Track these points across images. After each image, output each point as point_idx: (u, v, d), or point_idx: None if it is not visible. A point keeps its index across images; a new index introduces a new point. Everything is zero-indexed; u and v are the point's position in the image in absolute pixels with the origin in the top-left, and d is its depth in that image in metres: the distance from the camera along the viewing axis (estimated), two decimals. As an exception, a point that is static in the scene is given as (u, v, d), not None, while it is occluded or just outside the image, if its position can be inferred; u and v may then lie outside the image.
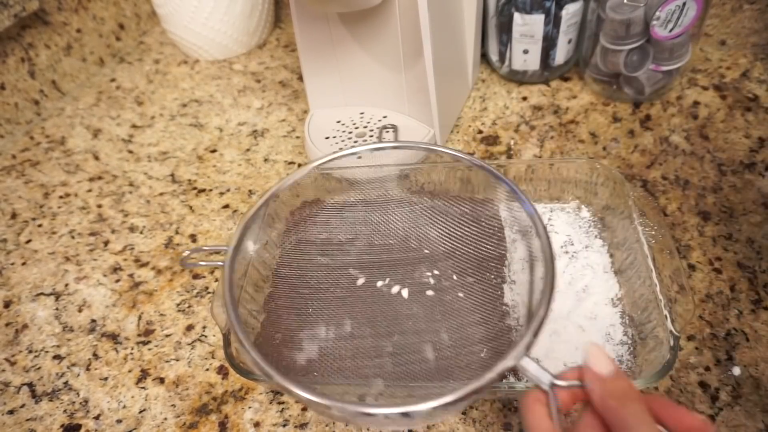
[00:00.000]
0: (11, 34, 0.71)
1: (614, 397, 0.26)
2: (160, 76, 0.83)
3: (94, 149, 0.71)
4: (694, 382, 0.43)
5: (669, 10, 0.57)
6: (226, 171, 0.66)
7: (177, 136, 0.72)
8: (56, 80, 0.79)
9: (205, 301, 0.52)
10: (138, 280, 0.55)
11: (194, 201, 0.63)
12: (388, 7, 0.56)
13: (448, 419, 0.42)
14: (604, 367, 0.27)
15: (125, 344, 0.50)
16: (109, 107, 0.78)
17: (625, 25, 0.59)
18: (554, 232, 0.52)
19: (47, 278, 0.56)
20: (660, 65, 0.63)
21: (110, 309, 0.53)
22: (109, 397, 0.46)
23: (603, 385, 0.27)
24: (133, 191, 0.65)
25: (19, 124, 0.75)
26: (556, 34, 0.66)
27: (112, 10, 0.86)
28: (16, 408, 0.46)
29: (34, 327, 0.52)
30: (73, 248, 0.59)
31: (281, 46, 0.88)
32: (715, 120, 0.64)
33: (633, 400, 0.26)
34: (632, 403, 0.26)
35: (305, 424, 0.43)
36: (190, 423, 0.44)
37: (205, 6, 0.78)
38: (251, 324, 0.47)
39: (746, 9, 0.69)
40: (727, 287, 0.48)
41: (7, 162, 0.70)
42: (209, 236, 0.58)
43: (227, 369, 0.47)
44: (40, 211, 0.64)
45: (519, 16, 0.65)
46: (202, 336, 0.50)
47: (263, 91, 0.78)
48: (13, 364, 0.49)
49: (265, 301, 0.46)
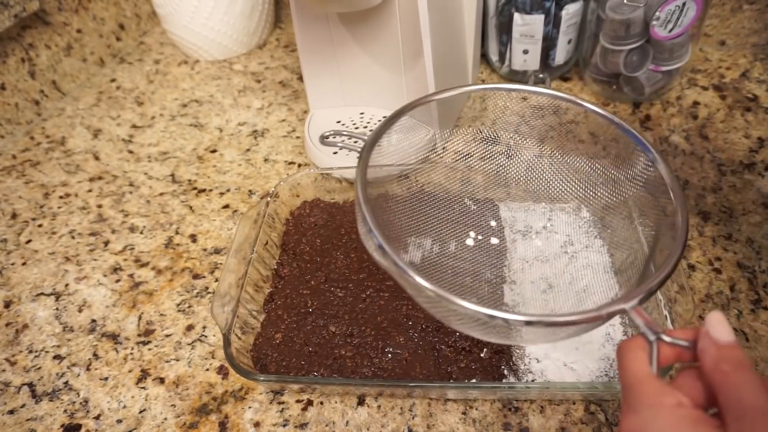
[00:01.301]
0: (11, 34, 0.71)
1: (729, 362, 0.25)
2: (160, 77, 0.83)
3: (95, 149, 0.71)
4: (694, 382, 0.43)
5: (669, 10, 0.57)
6: (226, 171, 0.66)
7: (177, 136, 0.72)
8: (56, 80, 0.79)
9: (205, 301, 0.53)
10: (138, 280, 0.55)
11: (194, 201, 0.63)
12: (388, 8, 0.56)
13: (447, 420, 0.42)
14: (724, 334, 0.26)
15: (125, 344, 0.50)
16: (109, 107, 0.78)
17: (625, 25, 0.59)
18: (554, 232, 0.52)
19: (47, 278, 0.56)
20: (660, 65, 0.63)
21: (110, 309, 0.53)
22: (109, 397, 0.46)
23: (719, 350, 0.26)
24: (133, 191, 0.65)
25: (20, 124, 0.75)
26: (556, 34, 0.66)
27: (112, 11, 0.86)
28: (17, 408, 0.46)
29: (34, 327, 0.52)
30: (73, 248, 0.59)
31: (281, 46, 0.88)
32: (715, 120, 0.64)
33: (747, 370, 0.25)
34: (747, 371, 0.25)
35: (305, 424, 0.43)
36: (190, 423, 0.44)
37: (205, 6, 0.78)
38: (251, 324, 0.47)
39: (746, 9, 0.69)
40: (727, 287, 0.48)
41: (7, 162, 0.71)
42: (209, 236, 0.58)
43: (227, 369, 0.47)
44: (40, 211, 0.64)
45: (519, 16, 0.65)
46: (202, 336, 0.50)
47: (263, 91, 0.79)
48: (13, 364, 0.49)
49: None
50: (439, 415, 0.43)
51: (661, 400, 0.25)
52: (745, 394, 0.24)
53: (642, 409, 0.25)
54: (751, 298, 0.47)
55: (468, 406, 0.43)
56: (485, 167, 0.48)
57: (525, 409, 0.42)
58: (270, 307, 0.49)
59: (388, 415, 0.43)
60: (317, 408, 0.44)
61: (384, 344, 0.45)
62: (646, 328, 0.28)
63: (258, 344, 0.46)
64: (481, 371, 0.42)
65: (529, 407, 0.42)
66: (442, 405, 0.43)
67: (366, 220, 0.32)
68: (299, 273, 0.51)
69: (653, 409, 0.25)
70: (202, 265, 0.56)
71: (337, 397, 0.44)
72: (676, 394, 0.25)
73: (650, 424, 0.24)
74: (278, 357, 0.45)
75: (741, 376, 0.25)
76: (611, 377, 0.42)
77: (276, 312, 0.48)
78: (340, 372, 0.44)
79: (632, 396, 0.26)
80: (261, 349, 0.46)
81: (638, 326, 0.28)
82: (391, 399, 0.44)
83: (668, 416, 0.24)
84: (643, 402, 0.25)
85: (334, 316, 0.47)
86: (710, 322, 0.26)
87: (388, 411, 0.43)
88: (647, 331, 0.28)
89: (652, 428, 0.24)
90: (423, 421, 0.42)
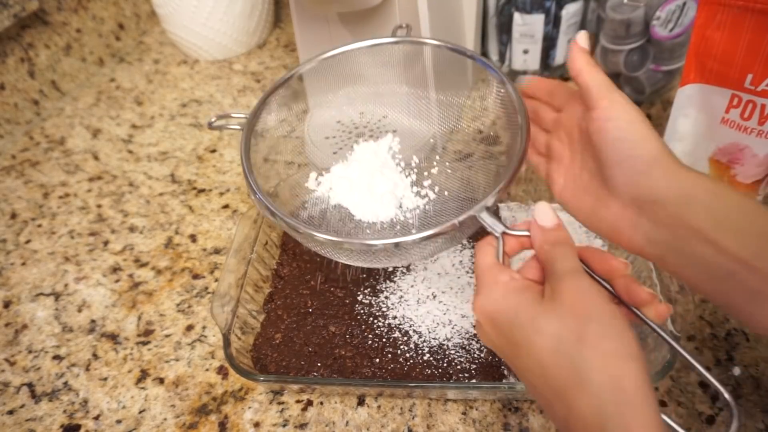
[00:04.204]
0: (11, 34, 0.71)
1: (549, 241, 0.31)
2: (159, 76, 0.83)
3: (94, 149, 0.71)
4: (695, 382, 0.43)
5: (669, 9, 0.57)
6: (226, 171, 0.66)
7: (177, 136, 0.72)
8: (56, 80, 0.79)
9: (205, 301, 0.52)
10: (138, 280, 0.55)
11: (194, 201, 0.62)
12: (388, 7, 0.56)
13: (447, 420, 0.42)
14: (548, 220, 0.32)
15: (125, 344, 0.50)
16: (108, 107, 0.78)
17: (625, 25, 0.59)
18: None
19: (47, 278, 0.56)
20: (660, 65, 0.63)
21: (110, 309, 0.53)
22: (108, 398, 0.46)
23: (543, 234, 0.32)
24: (133, 191, 0.65)
25: (19, 124, 0.75)
26: (556, 34, 0.66)
27: (111, 10, 0.86)
28: (16, 408, 0.46)
29: (33, 327, 0.52)
30: (72, 248, 0.59)
31: (281, 46, 0.87)
32: (715, 120, 0.64)
33: (563, 244, 0.31)
34: (562, 245, 0.31)
35: (305, 425, 0.43)
36: (189, 423, 0.44)
37: (204, 6, 0.78)
38: (251, 324, 0.47)
39: (746, 9, 0.69)
40: (727, 287, 0.48)
41: (6, 162, 0.70)
42: (209, 236, 0.58)
43: (227, 369, 0.47)
44: (39, 211, 0.64)
45: (519, 16, 0.65)
46: (202, 336, 0.50)
47: (263, 91, 0.78)
48: (12, 365, 0.49)
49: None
50: (439, 415, 0.42)
51: (497, 278, 0.31)
52: (559, 261, 0.30)
53: (483, 289, 0.31)
54: (752, 298, 0.47)
55: (468, 406, 0.43)
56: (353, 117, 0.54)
57: (525, 409, 0.42)
58: (270, 307, 0.49)
59: (388, 416, 0.43)
60: (317, 408, 0.44)
61: (384, 344, 0.45)
62: (492, 226, 0.33)
63: (258, 344, 0.46)
64: (481, 371, 0.42)
65: (529, 407, 0.42)
66: (442, 405, 0.43)
67: (253, 188, 0.40)
68: (299, 273, 0.51)
69: (491, 286, 0.31)
70: (201, 265, 0.56)
71: (337, 397, 0.44)
72: (510, 272, 0.31)
73: (488, 298, 0.30)
74: (278, 357, 0.45)
75: (558, 249, 0.31)
76: (611, 377, 0.42)
77: (276, 312, 0.48)
78: (340, 372, 0.44)
79: (479, 282, 0.32)
80: (261, 350, 0.46)
81: (487, 226, 0.34)
82: (391, 399, 0.44)
83: (501, 289, 0.30)
84: (484, 283, 0.31)
85: (334, 316, 0.47)
86: (536, 212, 0.32)
87: (388, 411, 0.43)
88: (493, 229, 0.33)
89: (489, 300, 0.30)
90: (423, 421, 0.42)
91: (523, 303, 0.29)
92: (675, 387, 0.43)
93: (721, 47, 0.44)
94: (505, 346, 0.30)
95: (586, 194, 0.34)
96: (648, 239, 0.31)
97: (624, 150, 0.31)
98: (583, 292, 0.28)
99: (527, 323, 0.28)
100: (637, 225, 0.31)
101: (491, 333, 0.31)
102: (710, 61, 0.45)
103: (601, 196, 0.33)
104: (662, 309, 0.32)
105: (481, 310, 0.31)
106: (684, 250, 0.29)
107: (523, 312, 0.29)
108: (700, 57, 0.46)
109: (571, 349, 0.27)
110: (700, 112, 0.49)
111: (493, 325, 0.30)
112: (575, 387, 0.26)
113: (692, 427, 0.41)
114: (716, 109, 0.47)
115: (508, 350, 0.30)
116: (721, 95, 0.46)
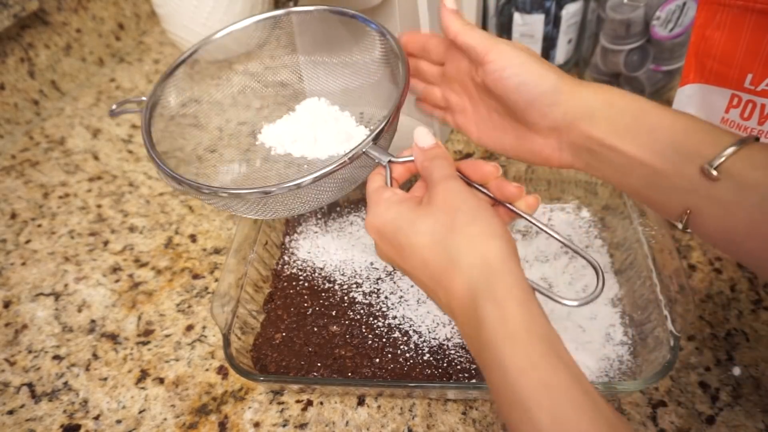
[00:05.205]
0: (11, 34, 0.71)
1: (429, 158, 0.35)
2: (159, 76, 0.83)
3: (94, 149, 0.71)
4: (695, 382, 0.43)
5: (669, 9, 0.57)
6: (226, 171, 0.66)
7: (177, 136, 0.72)
8: (56, 80, 0.79)
9: (205, 301, 0.52)
10: (138, 280, 0.55)
11: (194, 201, 0.62)
12: (388, 7, 0.56)
13: (447, 420, 0.42)
14: (425, 142, 0.36)
15: (125, 344, 0.50)
16: (108, 107, 0.78)
17: (625, 25, 0.59)
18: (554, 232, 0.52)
19: (47, 278, 0.56)
20: (660, 65, 0.63)
21: (110, 309, 0.53)
22: (108, 398, 0.46)
23: (423, 153, 0.36)
24: (133, 191, 0.65)
25: (19, 124, 0.75)
26: (556, 34, 0.66)
27: (111, 10, 0.86)
28: (16, 408, 0.46)
29: (33, 327, 0.52)
30: (72, 248, 0.59)
31: (281, 46, 0.87)
32: (715, 120, 0.64)
33: (439, 158, 0.35)
34: (438, 159, 0.35)
35: (305, 425, 0.43)
36: (189, 423, 0.44)
37: (204, 6, 0.78)
38: (251, 324, 0.47)
39: (746, 9, 0.69)
40: (728, 287, 0.48)
41: (6, 162, 0.70)
42: (209, 236, 0.58)
43: (227, 369, 0.47)
44: (39, 211, 0.63)
45: (519, 16, 0.65)
46: (202, 336, 0.50)
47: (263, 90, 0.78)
48: (12, 365, 0.49)
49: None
50: (439, 415, 0.42)
51: (381, 196, 0.34)
52: (436, 170, 0.34)
53: (371, 209, 0.35)
54: (752, 299, 0.47)
55: (468, 406, 0.43)
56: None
57: (525, 410, 0.42)
58: (270, 307, 0.49)
59: (388, 416, 0.43)
60: (317, 408, 0.44)
61: (384, 344, 0.45)
62: (380, 157, 0.37)
63: (258, 344, 0.46)
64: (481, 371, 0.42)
65: (530, 407, 0.42)
66: (442, 405, 0.43)
67: (160, 166, 0.44)
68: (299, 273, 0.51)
69: (377, 204, 0.34)
70: (201, 265, 0.56)
71: (337, 397, 0.44)
72: (393, 190, 0.35)
73: (374, 214, 0.34)
74: (278, 357, 0.45)
75: (435, 161, 0.34)
76: (611, 377, 0.42)
77: (276, 312, 0.48)
78: (340, 372, 0.44)
79: (368, 204, 0.35)
80: (261, 350, 0.46)
81: (375, 158, 0.37)
82: (391, 399, 0.44)
83: (383, 203, 0.34)
84: (371, 203, 0.35)
85: (334, 316, 0.47)
86: (416, 136, 0.36)
87: (388, 411, 0.43)
88: (381, 159, 0.37)
89: (375, 216, 0.34)
90: (423, 421, 0.42)
91: (404, 211, 0.33)
92: (675, 387, 0.43)
93: (721, 47, 0.44)
94: (394, 254, 0.33)
95: (504, 133, 0.38)
96: (573, 155, 0.35)
97: (529, 92, 0.34)
98: (454, 191, 0.32)
99: (407, 227, 0.32)
100: (561, 147, 0.35)
101: (383, 246, 0.34)
102: (710, 61, 0.45)
103: (521, 133, 0.37)
104: (531, 200, 0.35)
105: (371, 226, 0.34)
106: (598, 158, 0.33)
107: (404, 218, 0.33)
108: (699, 57, 0.46)
109: (444, 239, 0.30)
110: (699, 112, 0.49)
111: (382, 237, 0.34)
112: (450, 270, 0.30)
113: (692, 427, 0.41)
114: (716, 109, 0.47)
115: (397, 257, 0.33)
116: (721, 95, 0.46)
